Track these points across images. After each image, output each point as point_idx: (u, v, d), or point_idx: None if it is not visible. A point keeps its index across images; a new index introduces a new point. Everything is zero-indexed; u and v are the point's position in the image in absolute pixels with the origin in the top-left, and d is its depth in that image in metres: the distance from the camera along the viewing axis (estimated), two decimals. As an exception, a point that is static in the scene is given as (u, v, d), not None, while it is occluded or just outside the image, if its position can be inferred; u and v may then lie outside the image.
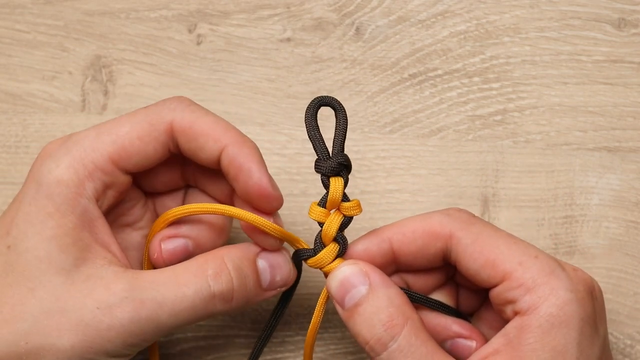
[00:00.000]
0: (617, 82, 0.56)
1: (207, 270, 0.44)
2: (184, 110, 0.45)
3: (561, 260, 0.45)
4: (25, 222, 0.43)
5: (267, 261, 0.45)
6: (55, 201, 0.43)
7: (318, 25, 0.57)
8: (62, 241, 0.43)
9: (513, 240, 0.44)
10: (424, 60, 0.56)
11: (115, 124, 0.45)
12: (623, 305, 0.54)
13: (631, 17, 0.56)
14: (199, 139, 0.44)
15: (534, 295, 0.42)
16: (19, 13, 0.58)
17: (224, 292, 0.44)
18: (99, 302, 0.42)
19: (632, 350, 0.54)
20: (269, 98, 0.56)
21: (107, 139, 0.44)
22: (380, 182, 0.55)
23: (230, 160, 0.44)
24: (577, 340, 0.42)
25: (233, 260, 0.44)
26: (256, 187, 0.44)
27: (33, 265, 0.42)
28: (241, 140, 0.44)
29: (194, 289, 0.43)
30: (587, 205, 0.55)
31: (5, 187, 0.56)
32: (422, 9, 0.57)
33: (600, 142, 0.55)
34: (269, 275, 0.45)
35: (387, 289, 0.44)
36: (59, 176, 0.43)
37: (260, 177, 0.44)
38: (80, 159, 0.44)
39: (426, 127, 0.56)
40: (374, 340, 0.43)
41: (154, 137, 0.45)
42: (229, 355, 0.54)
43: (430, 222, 0.45)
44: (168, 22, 0.57)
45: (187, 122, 0.44)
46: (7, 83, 0.57)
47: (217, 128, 0.44)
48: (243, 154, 0.44)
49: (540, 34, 0.56)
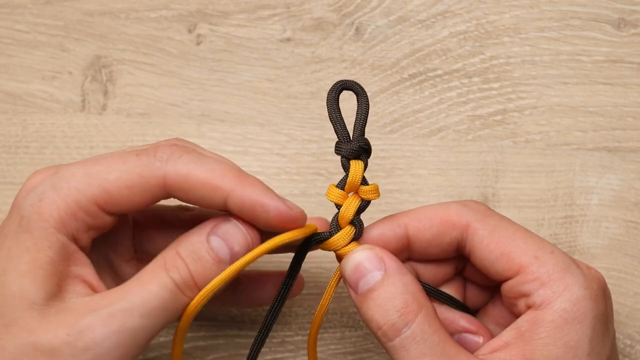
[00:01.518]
0: (617, 82, 0.56)
1: (164, 264, 0.43)
2: (176, 162, 0.43)
3: (575, 258, 0.45)
4: (6, 257, 0.43)
5: (219, 236, 0.44)
6: (33, 235, 0.42)
7: (318, 25, 0.57)
8: (36, 275, 0.42)
9: (529, 235, 0.45)
10: (424, 60, 0.56)
11: (105, 167, 0.43)
12: (623, 305, 0.54)
13: (631, 17, 0.56)
14: (197, 191, 0.43)
15: (549, 290, 0.42)
16: (19, 13, 0.58)
17: (184, 277, 0.43)
18: (68, 329, 0.41)
19: (632, 350, 0.54)
20: (269, 98, 0.56)
21: (95, 183, 0.43)
22: (380, 182, 0.55)
23: (239, 206, 0.43)
24: (589, 337, 0.42)
25: (185, 246, 0.44)
26: (278, 218, 0.43)
27: (7, 301, 0.42)
28: (240, 181, 0.43)
29: (156, 285, 0.42)
30: (587, 206, 0.55)
31: (5, 187, 0.56)
32: (422, 9, 0.57)
33: (600, 142, 0.55)
34: (226, 248, 0.44)
35: (402, 276, 0.44)
36: (40, 210, 0.43)
37: (276, 206, 0.43)
38: (64, 197, 0.43)
39: (426, 127, 0.56)
40: (388, 326, 0.42)
41: (144, 189, 0.43)
42: (229, 356, 0.54)
43: (448, 211, 0.45)
44: (168, 22, 0.57)
45: (181, 176, 0.43)
46: (7, 83, 0.57)
47: (213, 177, 0.43)
48: (248, 195, 0.43)
49: (540, 34, 0.56)
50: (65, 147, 0.56)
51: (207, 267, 0.44)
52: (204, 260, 0.44)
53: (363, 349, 0.54)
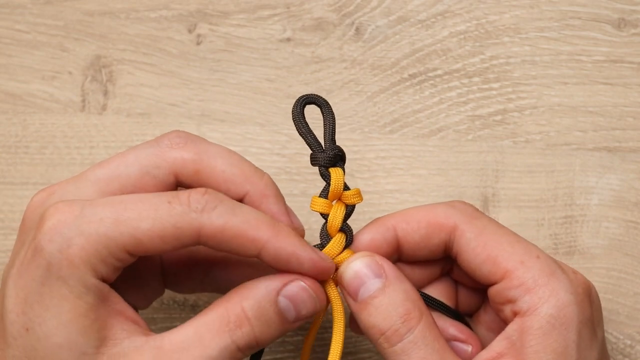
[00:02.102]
0: (617, 82, 0.56)
1: (229, 324, 0.42)
2: (211, 213, 0.42)
3: (561, 262, 0.45)
4: (40, 304, 0.41)
5: (289, 298, 0.43)
6: (68, 284, 0.41)
7: (318, 25, 0.57)
8: (81, 324, 0.41)
9: (516, 239, 0.45)
10: (424, 60, 0.56)
11: (136, 214, 0.42)
12: (623, 305, 0.54)
13: (631, 17, 0.56)
14: (233, 243, 0.42)
15: (534, 295, 0.42)
16: (19, 13, 0.58)
17: (248, 342, 0.42)
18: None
19: (632, 350, 0.54)
20: (269, 98, 0.56)
21: (126, 231, 0.41)
22: (380, 182, 0.55)
23: (274, 258, 0.42)
24: (576, 343, 0.42)
25: (253, 306, 0.42)
26: (312, 270, 0.43)
27: (54, 353, 0.41)
28: (275, 233, 0.42)
29: (218, 350, 0.42)
30: (587, 206, 0.55)
31: (5, 187, 0.56)
32: (422, 9, 0.57)
33: (600, 142, 0.55)
34: (293, 312, 0.43)
35: (403, 283, 0.44)
36: (69, 258, 0.41)
37: (310, 258, 0.43)
38: (94, 243, 0.41)
39: (426, 127, 0.56)
40: (391, 332, 0.43)
41: (177, 238, 0.42)
42: None
43: (435, 213, 0.45)
44: (168, 22, 0.57)
45: (216, 228, 0.42)
46: (7, 83, 0.57)
47: (249, 229, 0.42)
48: (284, 247, 0.42)
49: (540, 34, 0.56)
50: (65, 147, 0.56)
51: (272, 328, 0.43)
52: (270, 322, 0.43)
53: (363, 349, 0.54)
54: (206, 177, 0.44)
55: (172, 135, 0.45)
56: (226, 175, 0.44)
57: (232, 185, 0.44)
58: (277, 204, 0.44)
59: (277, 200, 0.44)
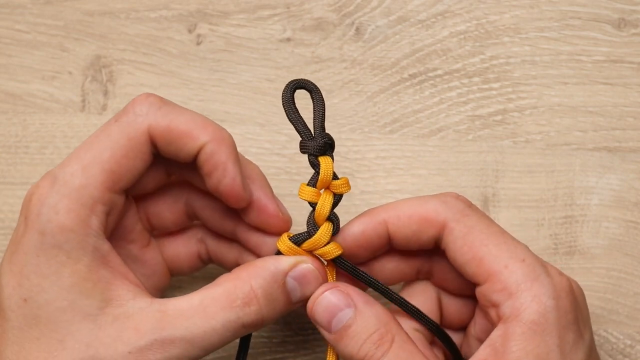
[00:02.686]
0: (617, 82, 0.56)
1: (236, 300, 0.43)
2: (156, 113, 0.44)
3: (547, 264, 0.45)
4: (37, 274, 0.42)
5: (296, 279, 0.44)
6: (64, 249, 0.42)
7: (318, 25, 0.57)
8: (83, 287, 0.42)
9: (503, 240, 0.44)
10: (424, 60, 0.56)
11: (96, 150, 0.43)
12: (623, 305, 0.54)
13: (631, 17, 0.56)
14: (178, 140, 0.44)
15: (517, 301, 0.42)
16: (19, 13, 0.58)
17: (254, 321, 0.43)
18: (129, 346, 0.41)
19: (632, 350, 0.54)
20: (269, 98, 0.56)
21: (95, 170, 0.43)
22: (380, 182, 0.55)
23: (207, 158, 0.44)
24: (559, 347, 0.42)
25: (262, 286, 0.44)
26: (229, 187, 0.44)
27: (57, 317, 0.42)
28: (219, 137, 0.44)
29: (222, 323, 0.43)
30: (587, 206, 0.55)
31: (5, 187, 0.56)
32: (422, 9, 0.57)
33: (600, 142, 0.55)
34: (299, 292, 0.45)
35: (372, 308, 0.44)
36: (61, 223, 0.42)
37: (234, 177, 0.44)
38: (77, 199, 0.42)
39: (426, 127, 0.56)
40: (367, 358, 0.44)
41: (138, 150, 0.44)
42: (229, 356, 0.54)
43: (426, 208, 0.45)
44: (168, 22, 0.57)
45: (163, 125, 0.44)
46: (7, 83, 0.57)
47: (194, 127, 0.44)
48: (221, 152, 0.44)
49: (540, 34, 0.56)
50: (65, 147, 0.56)
51: (277, 308, 0.44)
52: (277, 301, 0.44)
53: (363, 349, 0.54)
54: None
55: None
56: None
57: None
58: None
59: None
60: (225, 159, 0.44)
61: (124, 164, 0.44)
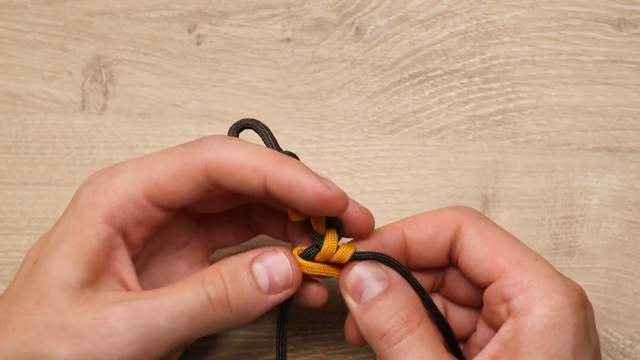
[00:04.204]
0: (617, 82, 0.56)
1: (204, 278, 0.44)
2: (216, 148, 0.44)
3: (557, 270, 0.45)
4: (55, 240, 0.44)
5: (262, 264, 0.45)
6: (82, 222, 0.44)
7: (318, 25, 0.57)
8: (77, 259, 0.43)
9: (516, 242, 0.45)
10: (424, 60, 0.56)
11: (153, 159, 0.45)
12: (623, 305, 0.54)
13: (631, 17, 0.56)
14: (238, 173, 0.43)
15: (529, 295, 0.43)
16: (19, 13, 0.58)
17: (219, 294, 0.44)
18: (95, 314, 0.42)
19: (632, 350, 0.54)
20: (269, 98, 0.56)
21: (144, 174, 0.44)
22: (380, 182, 0.55)
23: (277, 185, 0.43)
24: (571, 345, 0.42)
25: (227, 266, 0.44)
26: (315, 197, 0.43)
27: (44, 279, 0.43)
28: (280, 161, 0.43)
29: (190, 293, 0.43)
30: (587, 206, 0.55)
31: (5, 187, 0.56)
32: (422, 9, 0.57)
33: (600, 142, 0.55)
34: (266, 277, 0.45)
35: (406, 287, 0.45)
36: (92, 200, 0.44)
37: (312, 185, 0.42)
38: (116, 189, 0.44)
39: (426, 127, 0.56)
40: (392, 332, 0.44)
41: (188, 177, 0.44)
42: (229, 355, 0.54)
43: (442, 214, 0.46)
44: (168, 22, 0.57)
45: (221, 160, 0.43)
46: (7, 83, 0.57)
47: (252, 158, 0.43)
48: (286, 174, 0.43)
49: (540, 34, 0.56)
50: (66, 147, 0.56)
51: (244, 290, 0.44)
52: (242, 282, 0.44)
53: (363, 349, 0.54)
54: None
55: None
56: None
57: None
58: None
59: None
60: (295, 175, 0.43)
61: (170, 184, 0.44)
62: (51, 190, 0.56)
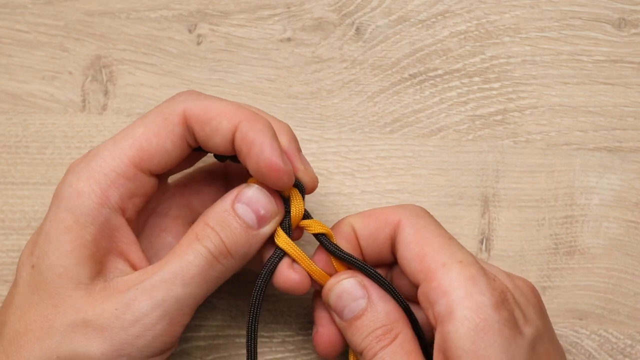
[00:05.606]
0: (617, 82, 0.56)
1: (197, 236, 0.44)
2: (194, 99, 0.45)
3: (492, 266, 0.45)
4: (46, 240, 0.44)
5: (243, 202, 0.45)
6: (74, 213, 0.44)
7: (318, 25, 0.57)
8: (80, 254, 0.43)
9: (448, 243, 0.45)
10: (424, 60, 0.56)
11: (130, 128, 0.45)
12: (623, 305, 0.54)
13: (631, 17, 0.56)
14: (212, 121, 0.44)
15: (450, 298, 0.43)
16: (19, 13, 0.58)
17: (217, 246, 0.44)
18: (115, 304, 0.43)
19: (632, 350, 0.54)
20: (269, 98, 0.56)
21: (125, 144, 0.44)
22: (381, 182, 0.55)
23: (242, 137, 0.44)
24: (498, 343, 0.42)
25: (212, 217, 0.45)
26: (268, 161, 0.44)
27: (54, 282, 0.43)
28: (254, 117, 0.44)
29: (192, 254, 0.44)
30: (587, 205, 0.55)
31: (5, 187, 0.56)
32: (422, 9, 0.57)
33: (601, 142, 0.55)
34: (252, 213, 0.45)
35: (385, 304, 0.46)
36: (79, 189, 0.44)
37: (272, 150, 0.44)
38: (100, 169, 0.44)
39: (426, 127, 0.56)
40: (368, 349, 0.45)
41: (170, 131, 0.45)
42: (229, 355, 0.54)
43: (386, 209, 0.47)
44: (168, 22, 0.57)
45: (199, 108, 0.45)
46: (7, 83, 0.57)
47: (229, 108, 0.44)
48: (255, 130, 0.44)
49: (540, 34, 0.56)
50: (66, 147, 0.56)
51: (237, 233, 0.45)
52: (232, 227, 0.45)
53: (363, 349, 0.54)
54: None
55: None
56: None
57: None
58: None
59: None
60: (261, 137, 0.44)
61: (155, 143, 0.44)
62: (51, 190, 0.55)
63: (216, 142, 0.45)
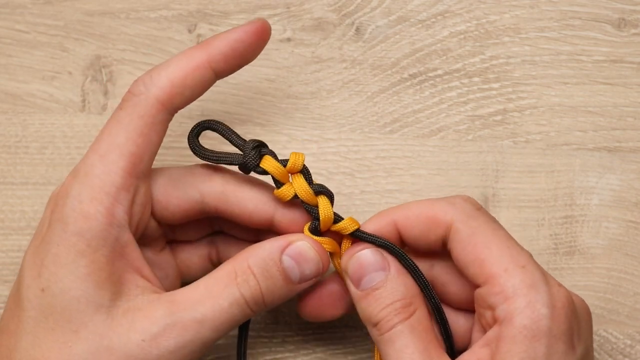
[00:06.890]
0: (617, 82, 0.56)
1: (236, 277, 0.44)
2: (155, 83, 0.46)
3: (548, 275, 0.45)
4: (56, 263, 0.43)
5: (292, 257, 0.45)
6: (85, 237, 0.43)
7: (318, 25, 0.57)
8: (97, 277, 0.43)
9: (507, 244, 0.45)
10: (424, 60, 0.56)
11: (111, 136, 0.44)
12: (623, 305, 0.54)
13: (631, 17, 0.56)
14: (192, 94, 0.47)
15: (512, 305, 0.43)
16: (19, 13, 0.58)
17: (254, 295, 0.44)
18: (142, 334, 0.42)
19: (632, 350, 0.54)
20: (269, 98, 0.56)
21: (114, 157, 0.44)
22: (380, 182, 0.55)
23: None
24: (544, 355, 0.42)
25: (258, 263, 0.45)
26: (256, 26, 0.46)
27: (72, 307, 0.42)
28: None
29: (228, 301, 0.44)
30: (587, 206, 0.55)
31: (5, 187, 0.56)
32: (422, 9, 0.57)
33: (600, 142, 0.55)
34: (297, 270, 0.45)
35: (404, 277, 0.46)
36: (84, 212, 0.43)
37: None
38: (99, 188, 0.43)
39: (426, 127, 0.56)
40: (384, 321, 0.44)
41: (152, 124, 0.45)
42: (229, 355, 0.54)
43: (434, 209, 0.46)
44: (168, 22, 0.57)
45: (166, 82, 0.46)
46: (7, 83, 0.57)
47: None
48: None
49: (540, 34, 0.56)
50: (65, 147, 0.56)
51: (277, 285, 0.45)
52: (274, 279, 0.45)
53: (363, 349, 0.54)
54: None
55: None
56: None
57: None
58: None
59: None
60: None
61: (141, 143, 0.44)
62: (51, 190, 0.55)
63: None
